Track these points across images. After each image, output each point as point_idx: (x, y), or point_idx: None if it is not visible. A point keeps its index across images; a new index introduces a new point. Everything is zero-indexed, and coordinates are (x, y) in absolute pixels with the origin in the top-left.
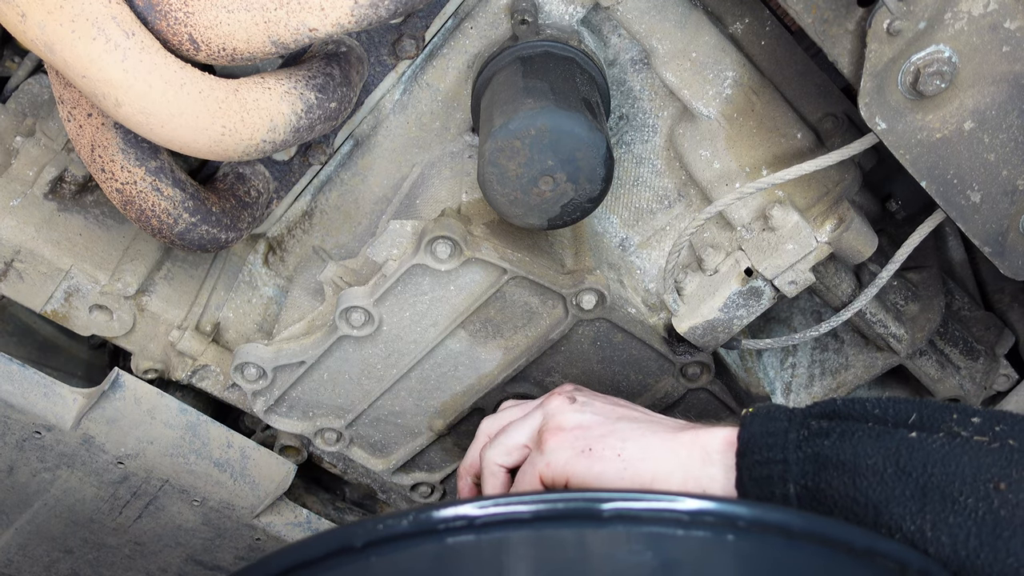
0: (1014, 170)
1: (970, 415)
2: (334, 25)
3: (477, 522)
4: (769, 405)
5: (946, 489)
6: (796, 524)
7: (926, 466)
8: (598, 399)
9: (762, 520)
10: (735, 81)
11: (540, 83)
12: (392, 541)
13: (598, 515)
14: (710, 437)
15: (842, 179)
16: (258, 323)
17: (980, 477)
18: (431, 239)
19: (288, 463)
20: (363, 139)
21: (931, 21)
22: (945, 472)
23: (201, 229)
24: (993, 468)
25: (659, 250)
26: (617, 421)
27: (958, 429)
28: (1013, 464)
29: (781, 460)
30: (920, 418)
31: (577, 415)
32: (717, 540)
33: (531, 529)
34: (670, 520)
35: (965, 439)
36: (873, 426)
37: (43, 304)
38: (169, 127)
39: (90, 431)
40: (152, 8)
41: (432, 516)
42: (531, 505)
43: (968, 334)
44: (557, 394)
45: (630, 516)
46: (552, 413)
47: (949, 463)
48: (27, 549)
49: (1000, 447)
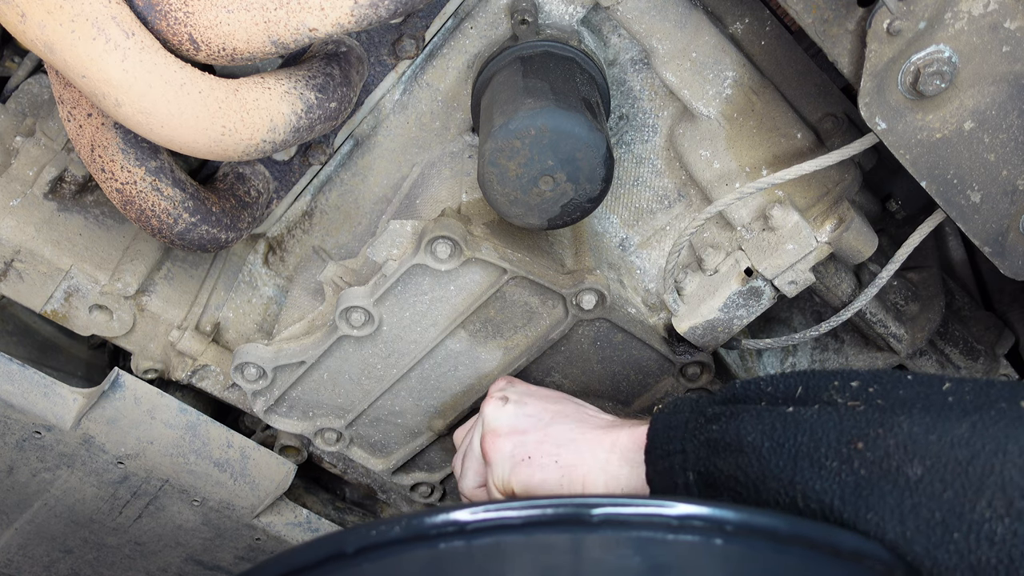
0: (1014, 170)
1: (850, 379)
2: (334, 25)
3: (468, 527)
4: (677, 399)
5: (813, 455)
6: (783, 528)
7: (796, 436)
8: (531, 395)
9: (749, 524)
10: (735, 81)
11: (540, 83)
12: (385, 547)
13: (587, 520)
14: (628, 436)
15: (842, 179)
16: (258, 323)
17: (842, 439)
18: (431, 239)
19: (288, 463)
20: (363, 139)
21: (931, 21)
22: (812, 439)
23: (201, 229)
24: (854, 430)
25: (659, 250)
26: (551, 422)
27: (835, 396)
28: (871, 423)
29: (680, 451)
30: (805, 390)
31: (510, 418)
32: (705, 544)
33: (521, 534)
34: (659, 525)
35: (839, 406)
36: (762, 405)
37: (43, 304)
38: (169, 127)
39: (90, 431)
40: (152, 8)
41: (424, 522)
42: (522, 511)
43: (968, 334)
44: (490, 396)
45: (619, 521)
46: (487, 419)
47: (816, 430)
48: (27, 549)
49: (866, 409)
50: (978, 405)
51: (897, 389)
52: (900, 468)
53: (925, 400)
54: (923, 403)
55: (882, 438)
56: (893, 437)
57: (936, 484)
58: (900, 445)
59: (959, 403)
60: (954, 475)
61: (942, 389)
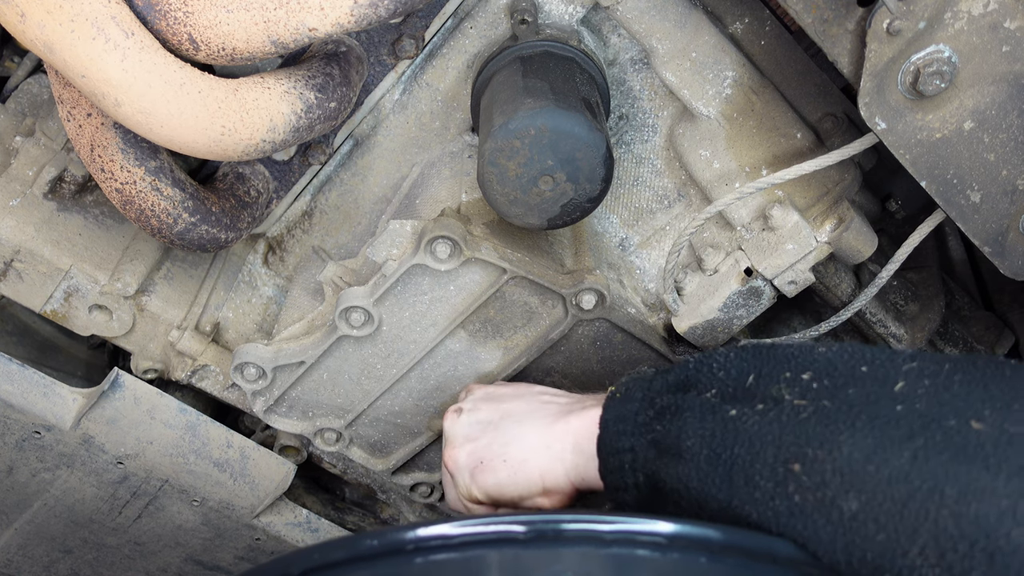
0: (1014, 170)
1: (802, 370)
2: (334, 25)
3: (454, 541)
4: (629, 379)
5: (749, 472)
6: (717, 538)
7: (733, 447)
8: (487, 399)
9: (684, 536)
10: (735, 81)
11: (540, 83)
12: (327, 569)
13: (517, 537)
14: (581, 424)
15: (842, 179)
16: (258, 323)
17: (780, 456)
18: (431, 239)
19: (288, 463)
20: (363, 139)
21: (931, 21)
22: (750, 452)
23: (201, 229)
24: (792, 446)
25: (659, 250)
26: (499, 423)
27: (784, 391)
28: (811, 439)
29: (629, 449)
30: (756, 379)
31: (463, 427)
32: (636, 557)
33: (458, 552)
34: (593, 540)
35: (782, 408)
36: (710, 396)
37: (43, 304)
38: (168, 127)
39: (90, 431)
40: (152, 8)
41: (364, 543)
42: (461, 528)
43: (968, 334)
44: (448, 412)
45: (554, 535)
46: (445, 434)
47: (755, 442)
48: (27, 549)
49: (810, 415)
50: (927, 420)
51: (847, 387)
52: (835, 500)
53: (874, 407)
54: (870, 412)
55: (819, 462)
56: (831, 462)
57: (870, 524)
58: (837, 472)
59: (908, 414)
60: (888, 516)
61: (894, 390)
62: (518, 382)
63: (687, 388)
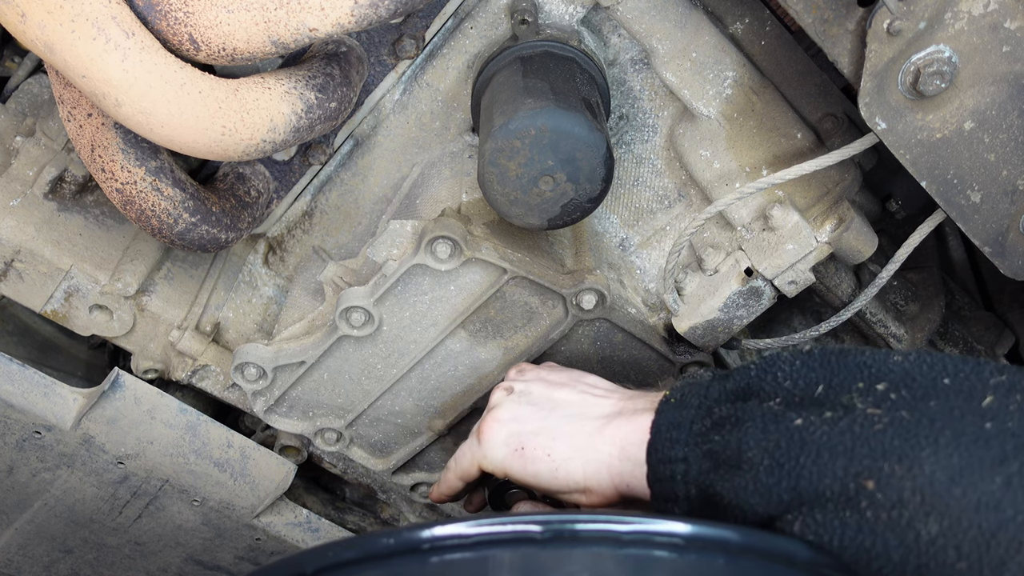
0: (1014, 170)
1: (878, 380)
2: (334, 25)
3: (469, 541)
4: (685, 385)
5: (818, 486)
6: (734, 540)
7: (799, 459)
8: (539, 381)
9: (700, 537)
10: (735, 81)
11: (540, 83)
12: (341, 567)
13: (535, 538)
14: (631, 429)
15: (842, 179)
16: (258, 323)
17: (851, 470)
18: (431, 239)
19: (288, 463)
20: (363, 139)
21: (931, 21)
22: (817, 465)
23: (201, 229)
24: (866, 459)
25: (659, 250)
26: (550, 414)
27: (856, 400)
28: (888, 454)
29: (682, 459)
30: (826, 389)
31: (513, 407)
32: (708, 562)
33: (473, 552)
34: (610, 540)
35: (854, 417)
36: (774, 404)
37: (43, 304)
38: (169, 127)
39: (90, 431)
40: (152, 8)
41: (379, 542)
42: (478, 528)
43: (968, 334)
44: (498, 388)
45: (571, 536)
46: (491, 403)
47: (823, 454)
48: (27, 549)
49: (886, 426)
50: (1021, 442)
51: (928, 399)
52: (912, 523)
53: (959, 423)
54: (954, 428)
55: (897, 478)
56: (911, 479)
57: (950, 551)
58: (917, 492)
59: (999, 434)
60: (973, 545)
61: (982, 406)
62: (569, 368)
63: (747, 396)
